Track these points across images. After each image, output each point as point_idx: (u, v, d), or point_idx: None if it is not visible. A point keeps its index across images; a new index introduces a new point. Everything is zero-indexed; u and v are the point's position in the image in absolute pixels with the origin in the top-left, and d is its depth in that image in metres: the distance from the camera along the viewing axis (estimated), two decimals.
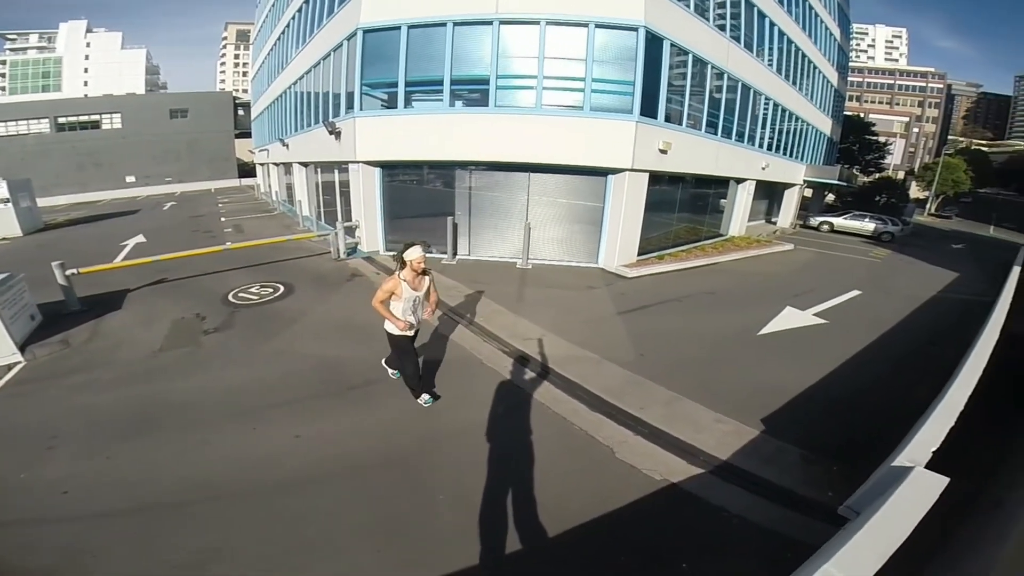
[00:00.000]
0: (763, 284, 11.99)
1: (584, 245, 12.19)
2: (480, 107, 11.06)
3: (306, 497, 3.89)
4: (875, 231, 23.93)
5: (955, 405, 4.35)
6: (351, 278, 10.28)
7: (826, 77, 25.62)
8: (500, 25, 10.52)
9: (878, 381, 6.71)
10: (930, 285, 13.67)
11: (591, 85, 10.74)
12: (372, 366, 6.08)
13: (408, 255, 4.72)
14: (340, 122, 12.12)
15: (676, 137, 12.27)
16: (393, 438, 4.71)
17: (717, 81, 14.50)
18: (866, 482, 3.86)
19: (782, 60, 19.22)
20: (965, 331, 7.27)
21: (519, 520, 3.71)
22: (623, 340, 7.49)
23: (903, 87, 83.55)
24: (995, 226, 41.99)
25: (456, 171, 11.73)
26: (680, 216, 15.04)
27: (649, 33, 10.69)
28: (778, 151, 20.94)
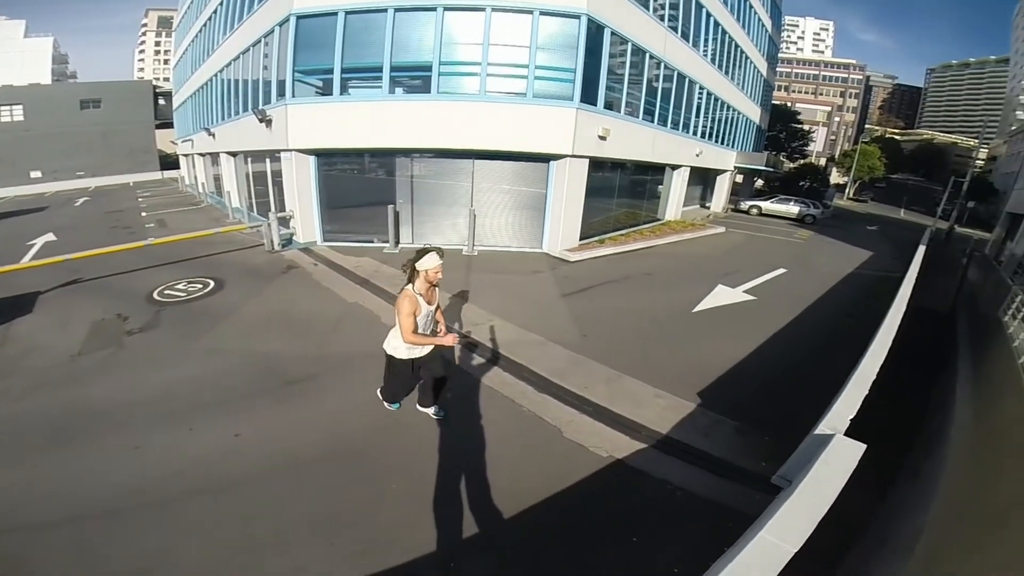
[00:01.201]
0: (697, 265, 12.57)
1: (529, 230, 12.32)
2: (422, 94, 10.87)
3: (251, 495, 3.76)
4: (799, 214, 25.68)
5: (868, 375, 4.67)
6: (287, 270, 9.89)
7: (757, 67, 26.94)
8: (444, 11, 10.36)
9: (802, 353, 7.22)
10: (848, 263, 14.80)
11: (534, 72, 10.79)
12: (313, 360, 5.92)
13: (423, 264, 3.98)
14: (271, 110, 11.56)
15: (615, 124, 12.55)
16: (339, 431, 4.61)
17: (655, 70, 14.90)
18: (795, 452, 4.08)
19: (717, 50, 20.02)
20: (878, 304, 7.87)
21: (473, 504, 3.73)
22: (567, 322, 7.65)
23: (827, 78, 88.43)
24: (906, 209, 45.88)
25: (397, 158, 11.50)
26: (620, 201, 15.47)
27: (591, 21, 10.84)
28: (711, 139, 21.85)
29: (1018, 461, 4.45)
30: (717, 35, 19.57)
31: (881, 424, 5.72)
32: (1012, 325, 8.13)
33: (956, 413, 6.47)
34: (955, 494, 4.51)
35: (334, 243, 11.86)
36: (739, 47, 22.62)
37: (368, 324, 7.21)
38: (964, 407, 6.66)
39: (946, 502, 4.43)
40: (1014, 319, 8.32)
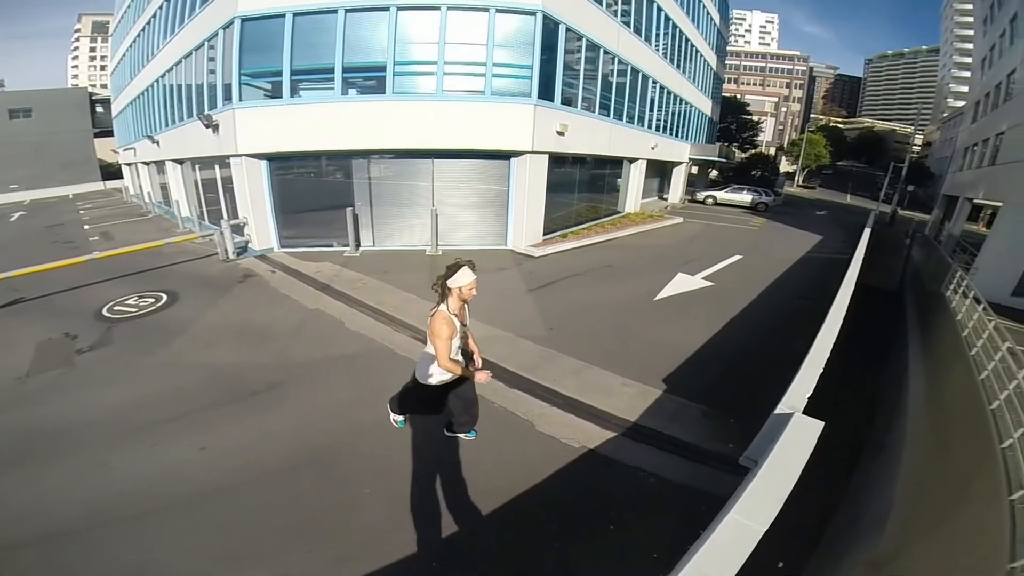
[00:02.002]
0: (657, 255, 12.86)
1: (493, 228, 12.33)
2: (377, 94, 10.69)
3: (225, 506, 3.67)
4: (752, 202, 26.65)
5: (823, 353, 4.86)
6: (244, 279, 9.57)
7: (707, 61, 27.69)
8: (398, 11, 10.21)
9: (761, 335, 7.50)
10: (800, 247, 15.46)
11: (492, 69, 10.79)
12: (276, 369, 5.78)
13: (457, 281, 3.57)
14: (217, 115, 11.14)
15: (573, 119, 12.69)
16: (309, 438, 4.52)
17: (610, 65, 15.14)
18: (759, 433, 4.20)
19: (668, 45, 20.49)
20: (829, 285, 8.20)
21: (451, 503, 3.72)
22: (534, 317, 7.71)
23: (774, 69, 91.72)
24: (851, 194, 48.17)
25: (354, 161, 11.28)
26: (580, 196, 15.65)
27: (546, 17, 10.91)
28: (665, 132, 22.36)
29: (968, 426, 4.72)
30: (668, 29, 20.03)
31: (846, 400, 6.01)
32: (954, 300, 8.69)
33: (910, 385, 6.84)
34: (916, 467, 4.74)
35: (292, 249, 11.55)
36: (689, 41, 23.22)
37: (331, 330, 7.08)
38: (917, 378, 7.04)
39: (909, 475, 4.65)
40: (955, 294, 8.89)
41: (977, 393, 5.05)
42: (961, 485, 4.07)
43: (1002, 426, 4.31)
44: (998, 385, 4.93)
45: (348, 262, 10.55)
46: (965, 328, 6.97)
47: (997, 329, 5.87)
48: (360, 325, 7.21)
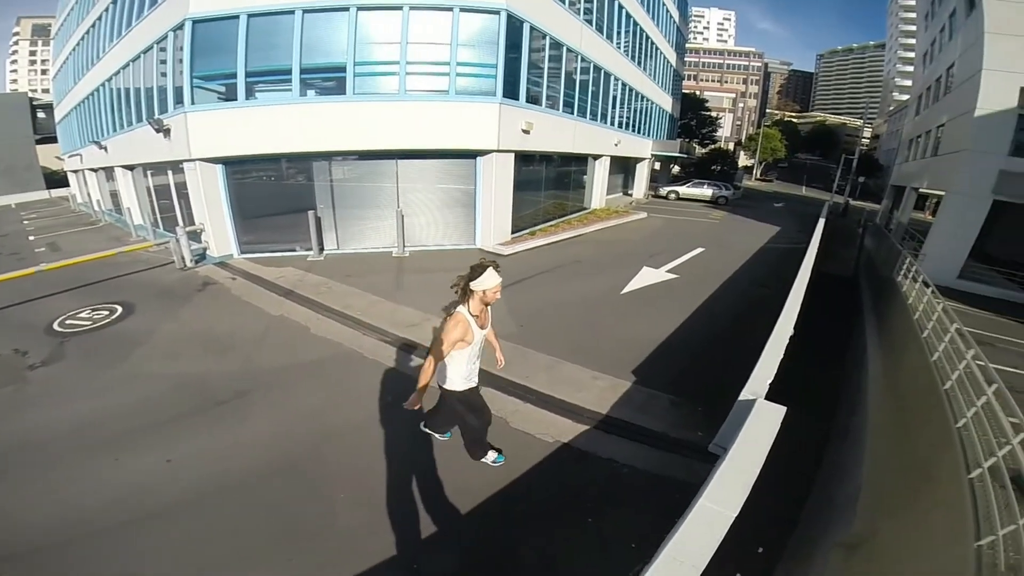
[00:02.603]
0: (623, 249, 13.09)
1: (460, 227, 12.29)
2: (337, 95, 10.49)
3: (198, 518, 3.58)
4: (713, 196, 27.42)
5: (781, 340, 5.02)
6: (203, 287, 9.26)
7: (667, 58, 28.24)
8: (358, 11, 10.05)
9: (724, 324, 7.72)
10: (759, 238, 15.99)
11: (456, 69, 10.74)
12: (241, 377, 5.63)
13: (482, 284, 3.28)
14: (168, 119, 10.72)
15: (537, 117, 12.76)
16: (279, 446, 4.43)
17: (573, 63, 15.28)
18: (726, 420, 4.31)
19: (630, 43, 20.82)
20: (788, 274, 8.47)
21: (428, 504, 3.72)
22: (503, 314, 7.72)
23: (731, 66, 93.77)
24: (807, 186, 49.99)
25: (315, 163, 11.04)
26: (547, 193, 15.78)
27: (511, 16, 10.93)
28: (628, 128, 22.72)
29: (925, 407, 4.93)
30: (629, 27, 20.36)
31: (814, 385, 6.23)
32: (905, 284, 9.14)
33: (869, 368, 7.13)
34: (880, 450, 4.92)
35: (253, 255, 11.23)
36: (650, 38, 23.65)
37: (297, 336, 6.93)
38: (875, 361, 7.34)
39: (874, 458, 4.83)
40: (906, 279, 9.36)
41: (931, 374, 5.26)
42: (923, 466, 4.17)
43: (956, 406, 4.45)
44: (949, 366, 5.11)
45: (312, 266, 10.33)
46: (916, 311, 7.33)
47: (945, 311, 6.16)
48: (326, 330, 7.08)
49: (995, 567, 2.86)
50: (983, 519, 3.21)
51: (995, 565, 2.88)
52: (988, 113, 13.52)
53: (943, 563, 3.12)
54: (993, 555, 2.95)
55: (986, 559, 2.95)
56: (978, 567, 2.89)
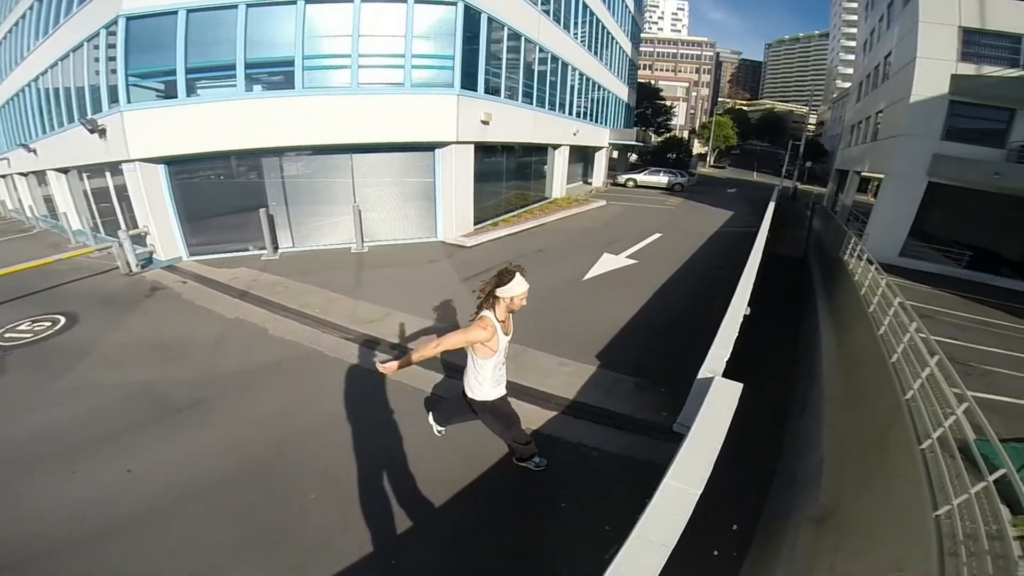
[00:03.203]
0: (584, 237, 13.28)
1: (421, 220, 12.13)
2: (285, 90, 10.10)
3: (166, 527, 3.47)
4: (669, 183, 28.09)
5: (736, 319, 5.17)
6: (151, 292, 8.81)
7: (623, 48, 28.55)
8: (306, 5, 9.69)
9: (683, 306, 7.94)
10: (714, 223, 16.50)
11: (411, 61, 10.52)
12: (198, 383, 5.44)
13: (510, 291, 3.09)
14: (103, 118, 10.07)
15: (496, 108, 12.70)
16: (244, 450, 4.32)
17: (531, 53, 15.25)
18: (687, 399, 4.42)
19: (587, 33, 20.95)
20: (741, 256, 8.71)
21: (402, 499, 3.69)
22: (469, 305, 7.58)
23: (684, 55, 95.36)
24: (758, 172, 51.76)
25: (264, 159, 10.62)
26: (509, 184, 15.78)
27: (468, 7, 10.78)
28: (586, 118, 22.91)
29: (875, 380, 5.15)
30: (587, 17, 20.51)
31: (768, 363, 6.45)
32: (851, 263, 9.60)
33: (822, 344, 7.44)
34: (837, 424, 5.11)
35: (203, 256, 10.75)
36: (606, 29, 23.87)
37: (254, 338, 6.71)
38: (828, 337, 7.67)
39: (833, 432, 5.01)
40: (852, 258, 9.83)
41: (879, 348, 5.51)
42: (879, 438, 4.28)
43: (903, 379, 4.61)
44: (894, 339, 5.34)
45: (267, 266, 9.99)
46: (862, 288, 7.70)
47: (889, 287, 6.47)
48: (285, 330, 6.88)
49: (954, 537, 2.92)
50: (938, 489, 3.30)
51: (954, 535, 2.94)
52: (922, 99, 14.27)
53: (906, 534, 3.20)
54: (951, 524, 3.01)
55: (945, 529, 3.01)
56: (939, 537, 2.96)
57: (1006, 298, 12.03)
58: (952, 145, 14.03)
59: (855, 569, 3.27)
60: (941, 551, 2.87)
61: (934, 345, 4.26)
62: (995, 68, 13.63)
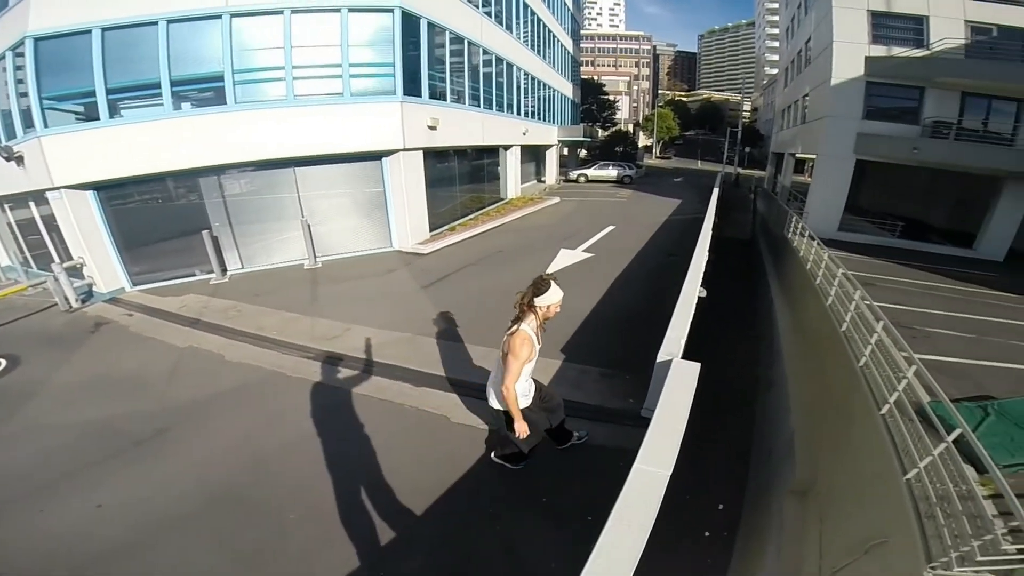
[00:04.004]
0: (541, 235, 13.45)
1: (374, 231, 11.93)
2: (217, 106, 9.71)
3: (142, 559, 3.36)
4: (619, 176, 28.84)
5: (689, 302, 5.40)
6: (96, 328, 8.28)
7: (564, 46, 29.01)
8: (232, 18, 9.32)
9: (639, 293, 8.16)
10: (663, 212, 17.02)
11: (349, 70, 10.32)
12: (158, 415, 5.21)
13: (546, 300, 3.23)
14: (19, 145, 9.40)
15: (443, 113, 12.64)
16: (216, 476, 4.19)
17: (476, 56, 15.25)
18: (650, 383, 4.50)
19: (530, 33, 21.20)
20: (692, 241, 9.00)
21: (382, 511, 3.67)
22: (431, 312, 7.66)
23: (623, 50, 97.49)
24: (701, 160, 53.60)
25: (201, 179, 10.15)
26: (463, 188, 15.76)
27: (406, 13, 10.64)
28: (535, 117, 23.15)
29: (830, 350, 5.38)
30: (528, 17, 20.76)
31: (728, 342, 6.67)
32: (795, 240, 10.11)
33: (778, 319, 7.78)
34: (802, 396, 5.30)
35: (148, 285, 10.18)
36: (548, 27, 24.24)
37: (211, 365, 6.43)
38: (783, 312, 8.02)
39: (799, 405, 5.20)
40: (795, 235, 10.36)
41: (829, 319, 5.79)
42: (842, 407, 4.40)
43: (855, 347, 4.78)
44: (842, 309, 5.60)
45: (216, 290, 9.58)
46: (808, 263, 8.11)
47: (832, 260, 6.83)
48: (243, 355, 6.63)
49: (928, 499, 2.97)
50: (904, 454, 3.35)
51: (927, 498, 2.98)
52: (842, 82, 15.16)
53: (883, 501, 3.25)
54: (922, 488, 3.05)
55: (917, 492, 3.06)
56: (913, 501, 3.01)
57: (937, 262, 12.96)
58: (873, 124, 14.96)
59: (842, 539, 3.32)
60: (918, 515, 2.92)
61: (878, 311, 4.44)
62: (903, 49, 14.61)
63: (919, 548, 2.73)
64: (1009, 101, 13.95)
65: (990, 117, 14.34)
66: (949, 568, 2.53)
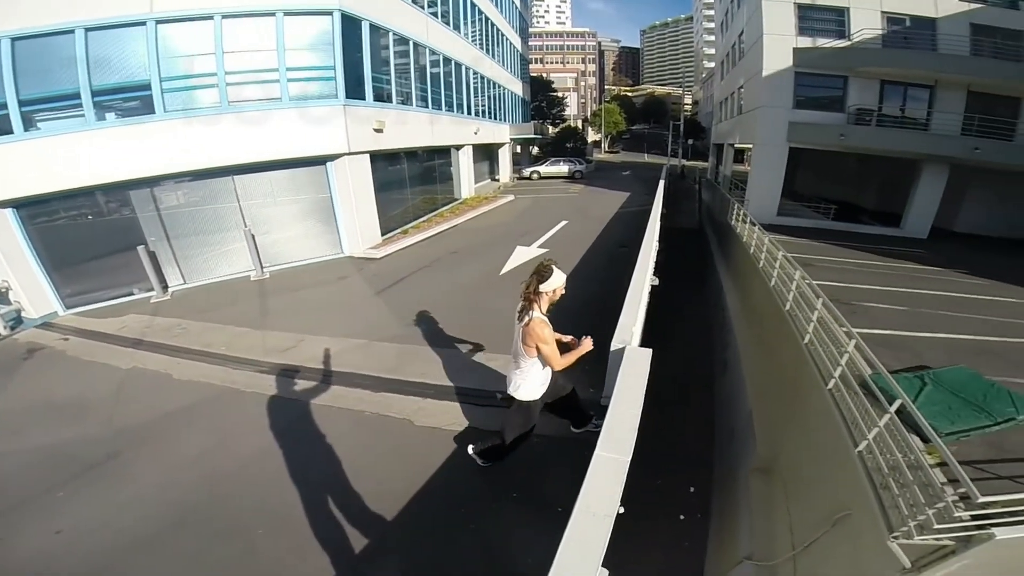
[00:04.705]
0: (496, 233, 13.53)
1: (324, 237, 11.63)
2: (145, 115, 9.18)
3: None
4: (570, 172, 29.31)
5: (639, 291, 5.54)
6: (29, 355, 7.69)
7: (513, 44, 29.15)
8: (157, 25, 8.86)
9: (594, 285, 8.35)
10: (614, 205, 17.44)
11: (287, 75, 10.00)
12: (108, 439, 4.99)
13: (551, 284, 3.41)
14: None
15: (389, 115, 12.48)
16: (176, 497, 4.06)
17: (422, 57, 15.10)
18: (606, 372, 4.54)
19: (478, 32, 21.18)
20: (641, 233, 9.33)
21: (353, 519, 3.65)
22: (387, 317, 7.58)
23: (570, 47, 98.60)
24: (648, 153, 55.01)
25: (132, 193, 9.56)
26: (415, 189, 15.57)
27: (345, 16, 10.40)
28: (485, 116, 23.16)
29: (777, 329, 5.61)
30: (476, 16, 20.76)
31: (682, 328, 6.87)
32: (738, 226, 10.56)
33: (728, 303, 8.10)
34: (755, 376, 5.50)
35: (83, 307, 9.53)
36: (496, 26, 24.29)
37: (159, 385, 6.15)
38: (732, 297, 8.35)
39: (753, 385, 5.38)
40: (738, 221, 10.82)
41: (773, 300, 6.05)
42: (792, 384, 4.55)
43: (799, 325, 4.97)
44: (785, 289, 5.85)
45: (158, 308, 9.10)
46: (751, 247, 8.48)
47: (772, 243, 7.16)
48: (192, 373, 6.36)
49: (881, 471, 3.04)
50: (853, 427, 3.43)
51: (880, 469, 3.05)
52: (772, 73, 15.93)
53: (839, 474, 3.32)
54: (874, 459, 3.12)
55: (870, 464, 3.14)
56: (867, 472, 3.11)
57: (869, 241, 13.79)
58: (803, 112, 15.79)
59: (809, 514, 3.42)
60: (874, 486, 3.01)
61: (817, 289, 4.67)
62: (827, 40, 15.46)
63: (879, 519, 2.82)
64: (922, 88, 15.04)
65: (907, 104, 15.42)
66: (910, 537, 2.61)
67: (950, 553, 2.57)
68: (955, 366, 5.16)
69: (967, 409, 4.24)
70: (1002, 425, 4.06)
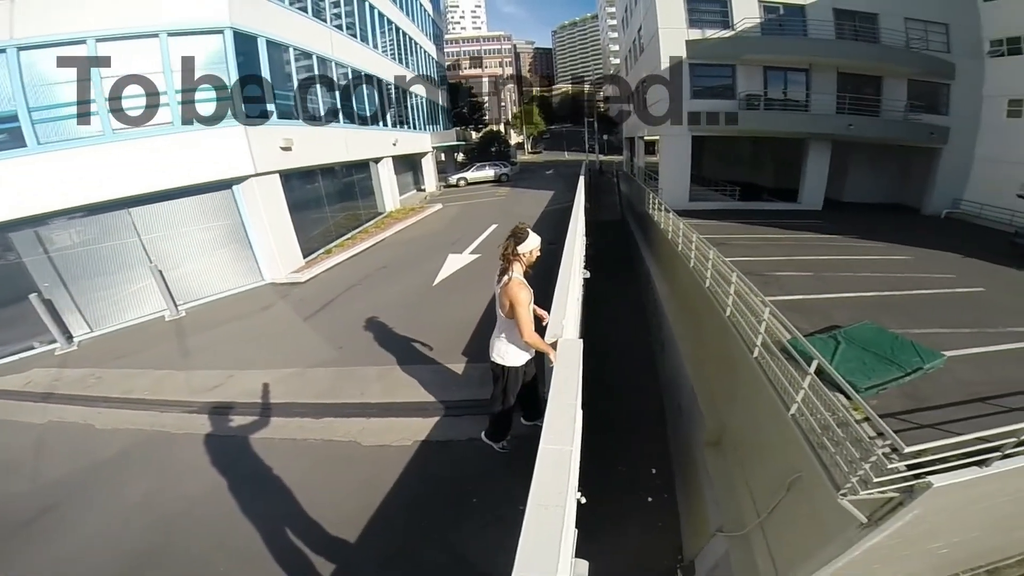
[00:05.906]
0: (426, 244, 13.49)
1: (240, 265, 11.02)
2: (14, 149, 8.31)
3: None
4: (496, 175, 29.75)
5: (566, 285, 5.72)
6: None
7: (427, 52, 28.97)
8: (19, 52, 8.10)
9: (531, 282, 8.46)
10: (540, 204, 17.89)
11: (177, 97, 9.42)
12: (38, 494, 4.64)
13: (528, 245, 3.52)
14: None
15: (297, 132, 12.09)
16: (126, 545, 3.84)
17: (330, 71, 14.71)
18: (546, 369, 4.60)
19: (390, 42, 20.94)
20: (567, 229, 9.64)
21: (315, 547, 3.59)
22: (318, 342, 7.40)
23: (487, 51, 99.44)
24: (568, 151, 56.55)
25: (13, 235, 8.55)
26: (334, 207, 15.12)
27: (238, 34, 9.95)
28: (404, 126, 22.89)
29: (702, 306, 5.93)
30: (386, 27, 20.43)
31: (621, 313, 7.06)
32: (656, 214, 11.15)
33: (656, 286, 8.51)
34: (690, 352, 5.79)
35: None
36: (408, 35, 24.07)
37: (82, 436, 5.71)
38: (659, 281, 8.78)
39: (690, 361, 5.64)
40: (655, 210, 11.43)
41: (694, 278, 6.44)
42: (722, 357, 4.80)
43: (720, 299, 5.29)
44: (702, 268, 6.24)
45: (65, 360, 8.28)
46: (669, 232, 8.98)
47: (687, 227, 7.65)
48: (116, 421, 5.90)
49: (814, 431, 3.16)
50: (783, 392, 3.54)
51: (813, 429, 3.18)
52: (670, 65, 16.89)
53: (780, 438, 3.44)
54: (806, 420, 3.25)
55: (805, 425, 3.26)
56: (803, 433, 3.22)
57: (772, 217, 14.99)
58: (700, 102, 16.85)
59: (765, 481, 3.56)
60: (812, 447, 3.11)
61: (730, 264, 5.08)
62: (715, 31, 16.62)
63: (824, 478, 2.95)
64: (799, 72, 16.55)
65: (788, 88, 16.89)
66: (856, 493, 2.73)
67: (899, 505, 2.72)
68: (862, 323, 5.54)
69: (879, 363, 4.50)
70: (912, 375, 4.36)
